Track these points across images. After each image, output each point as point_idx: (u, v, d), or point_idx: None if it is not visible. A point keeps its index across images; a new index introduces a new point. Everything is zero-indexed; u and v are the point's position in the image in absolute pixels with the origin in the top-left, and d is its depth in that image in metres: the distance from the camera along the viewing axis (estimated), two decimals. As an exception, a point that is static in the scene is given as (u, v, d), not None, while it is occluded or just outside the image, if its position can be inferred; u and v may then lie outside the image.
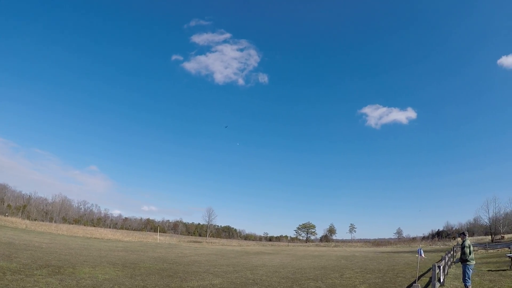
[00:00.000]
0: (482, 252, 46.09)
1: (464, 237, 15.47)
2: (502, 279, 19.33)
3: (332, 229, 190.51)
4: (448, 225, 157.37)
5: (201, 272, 23.03)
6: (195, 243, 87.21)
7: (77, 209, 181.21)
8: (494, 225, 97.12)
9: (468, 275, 14.55)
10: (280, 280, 20.60)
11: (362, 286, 18.65)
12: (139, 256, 32.27)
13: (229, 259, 36.92)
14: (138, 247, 48.10)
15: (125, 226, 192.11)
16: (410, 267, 29.13)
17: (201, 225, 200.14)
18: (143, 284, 16.16)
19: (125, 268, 21.89)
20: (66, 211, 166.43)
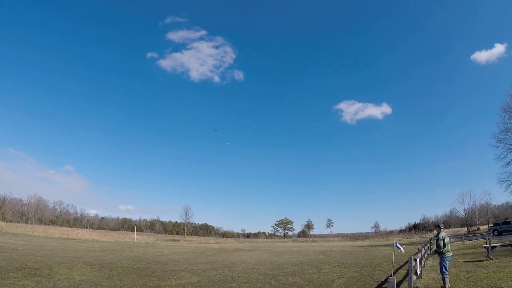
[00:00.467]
0: (458, 244, 46.95)
1: (439, 229, 15.79)
2: (479, 270, 19.73)
3: (309, 225, 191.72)
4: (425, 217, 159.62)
5: (179, 270, 23.16)
6: (172, 241, 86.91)
7: (53, 210, 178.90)
8: (470, 217, 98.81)
9: (444, 267, 14.82)
10: (258, 276, 20.86)
11: (340, 281, 18.95)
12: (116, 256, 32.21)
13: (207, 257, 37.06)
14: (115, 246, 47.87)
15: (101, 226, 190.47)
16: (387, 261, 29.59)
17: (179, 224, 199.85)
18: (121, 284, 16.29)
19: (102, 269, 21.91)
20: (41, 212, 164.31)
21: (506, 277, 15.97)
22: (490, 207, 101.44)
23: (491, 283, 14.98)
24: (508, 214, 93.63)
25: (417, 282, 16.65)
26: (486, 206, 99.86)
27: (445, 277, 14.78)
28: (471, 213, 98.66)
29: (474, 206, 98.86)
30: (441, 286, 14.94)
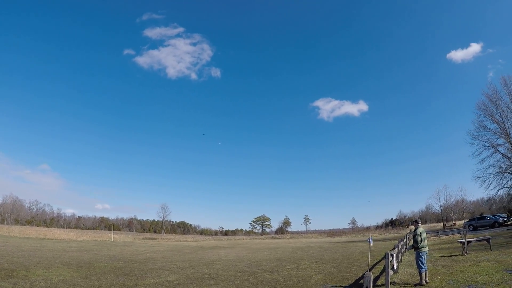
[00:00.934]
0: (434, 239, 47.52)
1: (417, 224, 15.97)
2: (455, 264, 20.04)
3: (287, 221, 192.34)
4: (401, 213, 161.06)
5: (157, 269, 23.10)
6: (150, 240, 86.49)
7: (29, 210, 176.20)
8: (445, 213, 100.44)
9: (421, 261, 15.01)
10: (236, 273, 20.90)
11: (317, 276, 19.09)
12: (94, 256, 31.97)
13: (185, 254, 36.99)
14: (92, 246, 47.50)
15: (78, 226, 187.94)
16: (364, 256, 29.82)
17: (156, 222, 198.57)
18: (98, 284, 16.19)
19: (80, 268, 21.75)
20: (17, 212, 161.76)
21: (481, 271, 16.24)
22: (465, 203, 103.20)
23: (467, 277, 15.24)
24: (483, 210, 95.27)
25: (394, 277, 16.85)
26: (461, 202, 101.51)
27: (421, 271, 14.97)
28: (447, 208, 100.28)
29: (449, 202, 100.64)
30: (418, 281, 15.15)
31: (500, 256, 21.18)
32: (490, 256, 21.57)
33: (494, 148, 63.25)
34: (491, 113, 63.88)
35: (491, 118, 63.74)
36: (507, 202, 65.37)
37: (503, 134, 61.80)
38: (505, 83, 62.79)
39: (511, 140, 60.51)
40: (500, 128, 62.58)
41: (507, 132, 61.13)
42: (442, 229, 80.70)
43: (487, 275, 15.16)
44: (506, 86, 62.63)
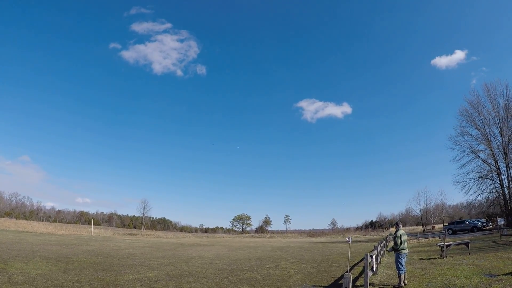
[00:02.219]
0: (414, 242, 47.93)
1: (398, 227, 16.08)
2: (433, 267, 20.23)
3: (267, 220, 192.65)
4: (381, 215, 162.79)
5: (136, 265, 22.99)
6: (130, 235, 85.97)
7: (8, 202, 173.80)
8: (425, 216, 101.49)
9: (400, 263, 15.12)
10: (216, 271, 20.87)
11: (297, 276, 19.14)
12: (73, 250, 31.72)
13: (165, 251, 36.85)
14: (71, 240, 47.11)
15: (58, 219, 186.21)
16: (344, 257, 29.96)
17: (136, 217, 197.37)
18: (77, 279, 16.06)
19: (59, 263, 21.58)
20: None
21: (459, 275, 16.41)
22: (445, 207, 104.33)
23: (445, 280, 15.38)
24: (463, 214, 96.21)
25: (373, 278, 16.96)
26: (441, 206, 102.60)
27: (400, 273, 15.09)
28: (427, 212, 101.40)
29: (429, 205, 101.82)
30: (397, 283, 15.25)
31: (478, 260, 21.41)
32: (468, 260, 21.80)
33: (475, 154, 64.12)
34: (473, 119, 64.75)
35: (473, 124, 64.63)
36: (486, 207, 66.26)
37: (484, 140, 62.65)
38: (487, 90, 63.61)
39: (492, 147, 61.36)
40: (481, 135, 63.48)
41: (488, 139, 61.96)
42: (422, 232, 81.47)
43: (465, 278, 15.31)
44: (488, 93, 63.44)
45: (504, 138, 60.00)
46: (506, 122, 60.13)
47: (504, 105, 60.97)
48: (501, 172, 60.93)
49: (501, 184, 60.45)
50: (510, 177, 59.36)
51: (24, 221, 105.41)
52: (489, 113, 63.04)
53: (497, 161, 61.25)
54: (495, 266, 18.22)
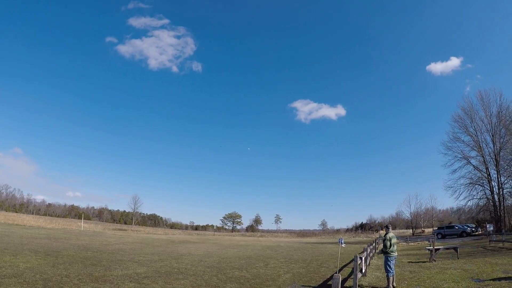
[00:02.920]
0: (403, 245, 48.11)
1: (388, 230, 16.17)
2: (422, 270, 20.31)
3: (258, 219, 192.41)
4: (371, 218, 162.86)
5: (126, 260, 22.95)
6: (120, 231, 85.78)
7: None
8: (415, 220, 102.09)
9: (389, 266, 15.16)
10: (205, 269, 20.88)
11: (286, 276, 19.17)
12: (62, 244, 31.63)
13: (155, 247, 36.81)
14: (61, 234, 46.97)
15: (48, 213, 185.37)
16: (333, 258, 30.07)
17: (127, 213, 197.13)
18: (66, 273, 16.01)
19: (48, 257, 21.51)
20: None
21: (447, 279, 16.50)
22: (435, 211, 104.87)
23: (433, 284, 15.46)
24: (452, 219, 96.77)
25: (362, 280, 17.02)
26: (431, 210, 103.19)
27: (389, 275, 15.14)
28: (417, 216, 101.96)
29: (420, 209, 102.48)
30: (386, 285, 15.32)
31: (466, 265, 21.52)
32: (457, 264, 21.91)
33: (466, 160, 64.49)
34: (466, 126, 65.17)
35: (465, 130, 65.06)
36: (476, 213, 66.63)
37: (476, 147, 63.04)
38: (481, 98, 64.01)
39: (483, 153, 61.72)
40: (473, 141, 63.89)
41: (479, 145, 62.36)
42: (411, 235, 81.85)
43: (453, 282, 15.40)
44: (482, 100, 63.83)
45: (496, 145, 60.41)
46: (499, 129, 60.54)
47: (497, 112, 61.40)
48: (492, 179, 61.36)
49: (491, 190, 60.85)
50: (500, 184, 59.75)
51: (14, 214, 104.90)
52: (482, 120, 63.46)
53: (488, 168, 61.66)
54: (483, 271, 18.33)
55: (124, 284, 14.47)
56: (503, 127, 59.89)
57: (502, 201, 59.42)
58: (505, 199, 59.90)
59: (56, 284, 13.39)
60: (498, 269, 18.47)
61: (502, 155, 59.49)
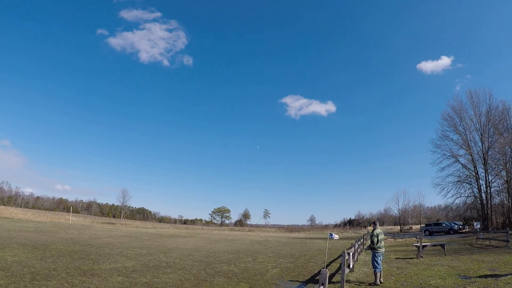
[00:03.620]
0: (391, 241, 48.39)
1: (375, 226, 16.21)
2: (409, 267, 20.44)
3: (246, 214, 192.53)
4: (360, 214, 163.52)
5: (114, 254, 22.92)
6: (108, 224, 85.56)
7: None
8: (403, 216, 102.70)
9: (376, 262, 15.23)
10: (193, 263, 20.89)
11: (274, 270, 19.23)
12: (50, 237, 31.53)
13: (143, 241, 36.77)
14: (49, 227, 46.79)
15: (37, 206, 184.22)
16: (321, 253, 30.16)
17: (116, 206, 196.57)
18: (54, 267, 15.96)
19: (36, 250, 21.44)
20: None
21: (434, 275, 16.61)
22: (423, 208, 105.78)
23: (420, 280, 15.57)
24: (440, 216, 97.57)
25: (349, 275, 17.11)
26: (419, 207, 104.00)
27: (376, 271, 15.23)
28: (405, 212, 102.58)
29: (408, 206, 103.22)
30: (373, 281, 15.41)
31: (453, 261, 21.69)
32: (443, 261, 22.07)
33: (455, 158, 65.02)
34: (455, 124, 65.70)
35: (454, 129, 65.59)
36: (463, 211, 67.16)
37: (464, 145, 63.57)
38: (470, 97, 64.53)
39: (472, 152, 62.25)
40: (462, 139, 64.41)
41: (468, 144, 62.87)
42: (399, 232, 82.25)
43: (440, 279, 15.51)
44: (471, 99, 64.36)
45: (485, 144, 60.95)
46: (487, 129, 61.10)
47: (487, 112, 61.98)
48: (480, 177, 61.99)
49: (479, 189, 61.42)
50: (488, 182, 60.32)
51: (1, 207, 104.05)
52: (471, 119, 64.00)
53: (476, 167, 62.21)
54: (470, 268, 18.48)
55: (112, 277, 14.46)
56: (492, 127, 60.44)
57: (489, 199, 59.98)
58: (492, 198, 60.53)
59: (44, 278, 13.35)
60: (485, 267, 18.62)
61: (490, 154, 60.06)
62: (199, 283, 14.50)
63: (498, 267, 18.11)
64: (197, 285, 14.05)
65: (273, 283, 15.34)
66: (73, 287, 12.16)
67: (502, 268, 17.81)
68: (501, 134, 58.86)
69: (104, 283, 13.13)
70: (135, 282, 13.71)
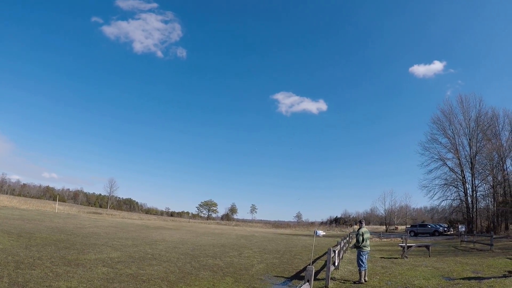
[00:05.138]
0: (376, 241, 48.70)
1: (361, 224, 16.33)
2: (394, 266, 20.60)
3: (233, 208, 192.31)
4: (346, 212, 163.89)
5: (99, 244, 22.86)
6: (95, 214, 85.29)
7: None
8: (389, 216, 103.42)
9: (361, 260, 15.32)
10: (179, 256, 20.88)
11: (259, 266, 19.28)
12: (36, 226, 31.40)
13: (129, 232, 36.69)
14: (35, 216, 46.57)
15: (23, 193, 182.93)
16: (307, 250, 30.31)
17: (102, 196, 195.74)
18: (38, 255, 15.89)
19: (21, 238, 21.36)
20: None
21: (418, 275, 16.74)
22: (409, 209, 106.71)
23: (404, 280, 15.67)
24: (426, 218, 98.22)
25: (334, 273, 17.19)
26: (405, 208, 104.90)
27: (361, 270, 15.32)
28: (391, 212, 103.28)
29: (394, 206, 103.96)
30: (357, 279, 15.50)
31: (437, 263, 21.86)
32: (428, 262, 22.24)
33: (443, 161, 65.63)
34: (444, 128, 66.32)
35: (443, 132, 66.21)
36: (449, 213, 67.83)
37: (452, 149, 64.18)
38: (461, 101, 65.15)
39: (459, 156, 62.88)
40: (450, 143, 65.07)
41: (456, 148, 63.48)
42: (385, 231, 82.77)
43: (424, 279, 15.63)
44: (461, 104, 64.99)
45: (472, 149, 61.58)
46: (476, 134, 61.73)
47: (476, 117, 62.64)
48: (466, 181, 62.61)
49: (465, 192, 62.03)
50: (474, 186, 60.96)
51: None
52: (460, 123, 64.61)
53: (463, 170, 62.80)
54: (454, 270, 18.63)
55: (97, 268, 14.42)
56: (481, 132, 61.04)
57: (475, 203, 60.60)
58: (478, 202, 61.20)
59: (28, 266, 13.29)
60: (468, 269, 18.79)
61: (477, 159, 60.68)
62: (184, 276, 14.50)
63: (481, 270, 18.28)
64: (182, 278, 14.05)
65: (258, 278, 15.37)
66: (58, 276, 12.10)
67: (486, 271, 17.97)
68: (489, 140, 59.47)
69: (89, 274, 13.09)
70: (120, 273, 13.68)
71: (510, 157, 58.96)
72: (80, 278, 12.21)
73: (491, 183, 59.57)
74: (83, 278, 12.17)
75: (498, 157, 59.17)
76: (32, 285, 10.55)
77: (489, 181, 60.25)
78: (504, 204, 56.65)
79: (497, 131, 60.82)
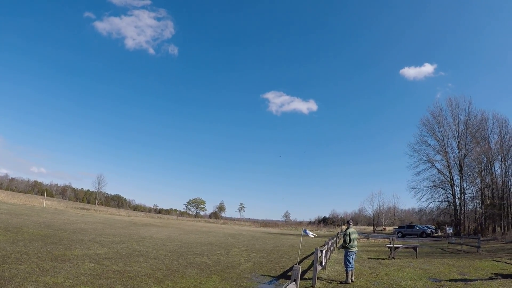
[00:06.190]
0: (364, 241, 48.94)
1: (349, 225, 16.33)
2: (381, 267, 20.66)
3: (222, 207, 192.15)
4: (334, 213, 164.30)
5: (87, 240, 22.77)
6: (83, 210, 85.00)
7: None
8: (377, 217, 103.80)
9: (348, 260, 15.31)
10: (166, 253, 20.85)
11: (247, 264, 19.28)
12: (23, 220, 31.21)
13: (117, 229, 36.58)
14: (22, 210, 46.32)
15: (11, 187, 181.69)
16: (294, 249, 30.40)
17: (91, 192, 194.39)
18: (25, 250, 15.80)
19: (7, 233, 21.22)
20: None
21: (405, 276, 16.81)
22: (397, 210, 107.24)
23: (391, 280, 15.73)
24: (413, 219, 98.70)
25: (321, 273, 17.23)
26: (393, 209, 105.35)
27: (348, 270, 15.35)
28: (379, 213, 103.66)
29: (382, 207, 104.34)
30: (344, 279, 15.54)
31: (424, 264, 21.97)
32: (415, 263, 22.34)
33: (431, 163, 65.99)
34: (433, 130, 66.70)
35: (433, 134, 66.60)
36: (437, 215, 68.19)
37: (441, 151, 64.53)
38: (450, 104, 65.55)
39: (448, 158, 63.24)
40: (439, 145, 65.45)
41: (445, 150, 63.87)
42: (372, 232, 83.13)
43: (411, 280, 15.70)
44: (451, 106, 65.36)
45: (461, 151, 61.96)
46: (465, 136, 62.15)
47: (465, 120, 63.09)
48: (455, 184, 63.03)
49: (453, 194, 62.39)
50: (462, 189, 61.34)
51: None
52: (449, 126, 64.98)
53: (451, 173, 63.19)
54: (441, 271, 18.74)
55: (84, 264, 14.35)
56: (469, 135, 61.47)
57: (463, 205, 61.00)
58: (466, 204, 61.62)
59: (15, 261, 13.20)
60: (455, 271, 18.90)
61: (466, 162, 61.10)
62: (171, 273, 14.47)
63: (468, 272, 18.39)
64: (169, 275, 14.03)
65: (245, 276, 15.37)
66: (44, 272, 12.04)
67: (472, 273, 18.08)
68: (478, 143, 59.88)
69: (76, 269, 13.03)
70: (107, 270, 13.63)
71: (498, 160, 59.40)
72: (67, 273, 12.15)
73: (479, 185, 60.00)
74: (69, 274, 12.11)
75: (486, 160, 59.58)
76: (19, 280, 10.48)
77: (477, 184, 60.71)
78: (492, 207, 57.12)
79: (486, 134, 61.28)
